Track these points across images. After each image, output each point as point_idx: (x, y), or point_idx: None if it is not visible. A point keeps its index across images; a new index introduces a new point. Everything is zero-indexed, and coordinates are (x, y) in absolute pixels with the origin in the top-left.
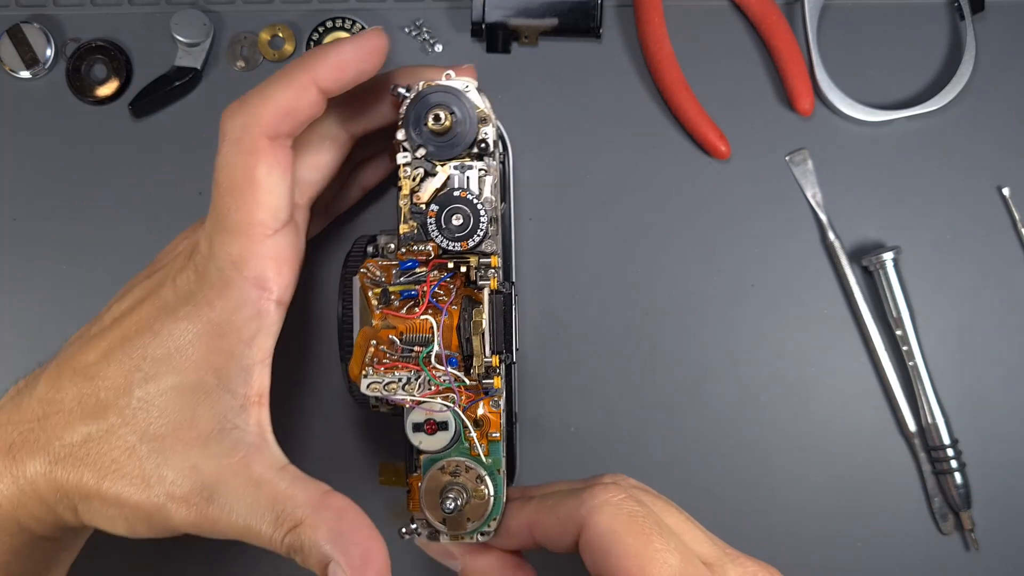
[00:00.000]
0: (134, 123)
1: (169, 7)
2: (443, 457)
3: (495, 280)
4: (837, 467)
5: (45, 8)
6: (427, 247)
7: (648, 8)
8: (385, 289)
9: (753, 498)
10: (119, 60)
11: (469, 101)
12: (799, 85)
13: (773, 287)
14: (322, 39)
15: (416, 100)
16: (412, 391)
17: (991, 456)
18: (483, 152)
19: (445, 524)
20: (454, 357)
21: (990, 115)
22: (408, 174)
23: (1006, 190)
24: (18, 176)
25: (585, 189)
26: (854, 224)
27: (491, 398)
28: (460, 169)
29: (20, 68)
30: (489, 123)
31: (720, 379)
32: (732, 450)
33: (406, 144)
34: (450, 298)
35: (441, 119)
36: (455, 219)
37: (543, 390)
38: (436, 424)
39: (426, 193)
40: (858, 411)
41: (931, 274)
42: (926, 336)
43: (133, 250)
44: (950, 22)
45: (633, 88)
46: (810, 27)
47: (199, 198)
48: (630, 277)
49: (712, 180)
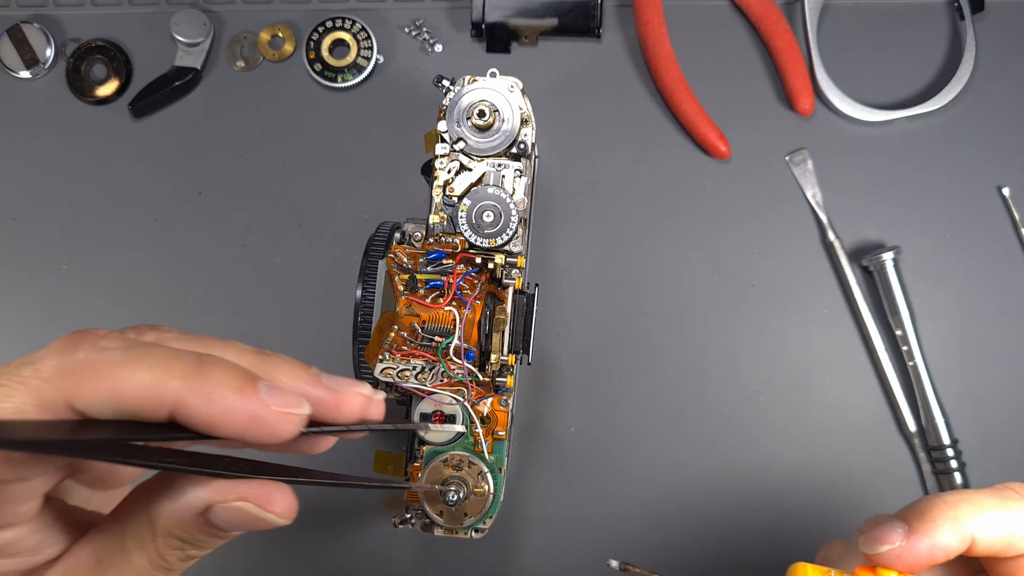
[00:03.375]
0: (134, 123)
1: (169, 7)
2: (447, 450)
3: (520, 280)
4: (837, 467)
5: (45, 8)
6: (455, 240)
7: (648, 8)
8: (413, 276)
9: (753, 498)
10: (119, 60)
11: (514, 101)
12: (799, 85)
13: (773, 287)
14: (322, 39)
15: (461, 93)
16: (424, 381)
17: (991, 456)
18: (521, 153)
19: (442, 516)
20: (471, 351)
21: (990, 115)
22: (444, 165)
23: (1006, 190)
24: (18, 176)
25: (585, 189)
26: (854, 224)
27: (500, 396)
28: (496, 167)
29: (20, 68)
30: (530, 125)
31: (720, 379)
32: (732, 449)
33: (445, 135)
34: (474, 293)
35: (485, 115)
36: (486, 216)
37: (543, 390)
38: (444, 416)
39: (460, 186)
40: (858, 411)
41: (931, 274)
42: (926, 336)
43: (133, 250)
44: (950, 22)
45: (633, 88)
46: (810, 27)
47: (199, 198)
48: (630, 277)
49: (712, 180)
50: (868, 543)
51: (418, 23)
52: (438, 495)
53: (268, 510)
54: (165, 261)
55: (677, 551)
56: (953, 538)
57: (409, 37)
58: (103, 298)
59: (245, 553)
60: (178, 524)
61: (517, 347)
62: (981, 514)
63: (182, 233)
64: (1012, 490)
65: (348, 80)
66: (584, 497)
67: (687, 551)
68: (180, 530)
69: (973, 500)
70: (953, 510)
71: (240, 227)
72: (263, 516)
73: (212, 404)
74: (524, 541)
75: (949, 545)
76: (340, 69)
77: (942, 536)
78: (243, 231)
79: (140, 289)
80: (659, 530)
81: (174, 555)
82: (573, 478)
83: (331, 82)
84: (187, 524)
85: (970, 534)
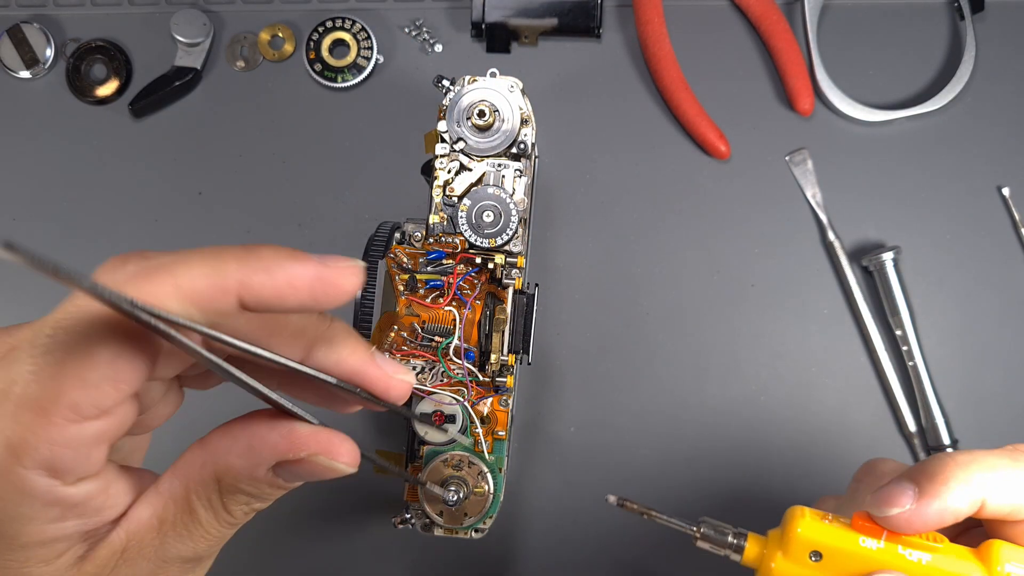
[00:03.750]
0: (134, 123)
1: (169, 7)
2: (447, 450)
3: (520, 280)
4: (837, 467)
5: (45, 8)
6: (455, 240)
7: (648, 8)
8: (413, 276)
9: (753, 498)
10: (119, 60)
11: (514, 101)
12: (799, 85)
13: (773, 287)
14: (322, 39)
15: (461, 93)
16: (424, 381)
17: None
18: (521, 153)
19: (442, 516)
20: (471, 351)
21: (990, 115)
22: (444, 165)
23: (1006, 190)
24: (18, 176)
25: (585, 189)
26: (854, 224)
27: (500, 396)
28: (496, 167)
29: (20, 68)
30: (530, 125)
31: (720, 379)
32: (732, 449)
33: (445, 135)
34: (474, 293)
35: (485, 115)
36: (486, 216)
37: (543, 390)
38: (444, 416)
39: (460, 186)
40: (858, 411)
41: (931, 274)
42: (926, 336)
43: (133, 250)
44: (950, 22)
45: (633, 88)
46: (810, 27)
47: (199, 198)
48: (630, 277)
49: (712, 180)
50: (876, 504)
51: (418, 23)
52: (439, 495)
53: (339, 460)
54: None
55: (677, 551)
56: (964, 501)
57: (409, 37)
58: None
59: (245, 553)
60: (248, 480)
61: (517, 347)
62: (993, 475)
63: (182, 233)
64: (1023, 452)
65: (348, 80)
66: (584, 497)
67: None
68: (249, 485)
69: (985, 461)
70: (965, 471)
71: (240, 227)
72: (334, 467)
73: (273, 275)
74: (524, 541)
75: (959, 508)
76: (340, 69)
77: (953, 499)
78: (243, 231)
79: None
80: (659, 530)
81: (240, 510)
82: (573, 478)
83: (331, 82)
84: (258, 479)
85: (981, 497)
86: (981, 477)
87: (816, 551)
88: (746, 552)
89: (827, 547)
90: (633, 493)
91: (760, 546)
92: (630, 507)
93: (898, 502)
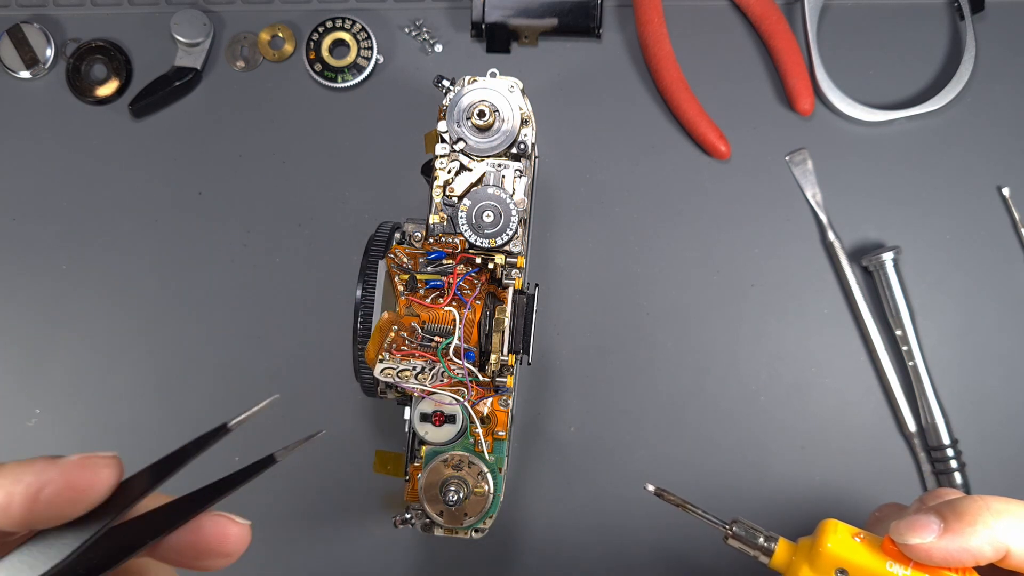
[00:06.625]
0: (134, 123)
1: (169, 7)
2: (447, 450)
3: (520, 280)
4: (837, 467)
5: (45, 8)
6: (455, 240)
7: (648, 8)
8: (413, 276)
9: (753, 498)
10: (119, 60)
11: (514, 101)
12: (799, 85)
13: (773, 287)
14: (322, 39)
15: (461, 93)
16: (424, 381)
17: (991, 456)
18: (521, 153)
19: (442, 516)
20: (471, 351)
21: (990, 115)
22: (444, 165)
23: (1006, 190)
24: (18, 176)
25: (585, 189)
26: (854, 224)
27: (500, 396)
28: (496, 167)
29: (20, 68)
30: (530, 125)
31: (720, 379)
32: (732, 449)
33: (445, 135)
34: (474, 293)
35: (485, 115)
36: (486, 216)
37: (543, 390)
38: (444, 416)
39: (460, 186)
40: (858, 411)
41: (931, 274)
42: (926, 336)
43: (133, 250)
44: (950, 22)
45: (633, 88)
46: (810, 27)
47: (199, 198)
48: (630, 277)
49: (712, 180)
50: (898, 530)
51: (418, 23)
52: (439, 495)
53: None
54: (165, 261)
55: (677, 551)
56: (988, 545)
57: (409, 37)
58: (103, 298)
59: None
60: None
61: (517, 347)
62: (1022, 526)
63: (182, 233)
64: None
65: (348, 80)
66: (584, 497)
67: (687, 551)
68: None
69: (1017, 511)
70: (994, 517)
71: (240, 227)
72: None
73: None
74: (524, 541)
75: (982, 551)
76: (340, 69)
77: (976, 540)
78: (243, 231)
79: (140, 289)
80: (659, 530)
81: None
82: (573, 478)
83: (331, 82)
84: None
85: (1006, 545)
86: (1009, 526)
87: (843, 568)
88: (775, 557)
89: (854, 566)
90: (633, 493)
91: (789, 553)
92: (668, 498)
93: (920, 532)
